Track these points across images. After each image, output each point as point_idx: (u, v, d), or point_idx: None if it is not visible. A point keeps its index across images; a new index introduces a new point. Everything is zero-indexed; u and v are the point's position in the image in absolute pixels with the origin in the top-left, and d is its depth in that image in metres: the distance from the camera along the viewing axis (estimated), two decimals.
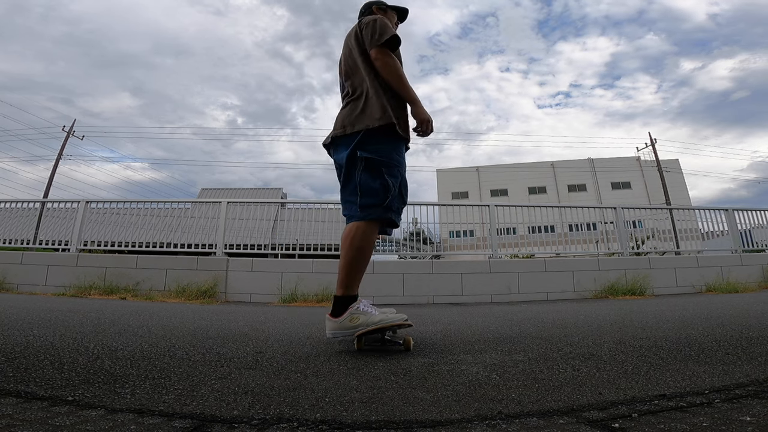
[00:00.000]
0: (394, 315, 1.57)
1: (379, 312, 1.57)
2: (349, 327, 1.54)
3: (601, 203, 30.04)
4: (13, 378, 1.05)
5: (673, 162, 32.73)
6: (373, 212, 1.63)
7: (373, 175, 1.64)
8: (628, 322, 2.44)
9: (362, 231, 1.64)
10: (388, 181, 1.64)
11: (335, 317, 1.58)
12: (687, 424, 0.75)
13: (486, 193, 37.20)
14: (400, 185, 1.69)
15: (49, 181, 19.84)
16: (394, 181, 1.65)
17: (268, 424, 0.78)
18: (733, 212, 6.31)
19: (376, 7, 1.95)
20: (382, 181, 1.64)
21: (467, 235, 6.72)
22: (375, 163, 1.64)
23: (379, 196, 1.63)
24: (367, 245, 1.64)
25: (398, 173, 1.68)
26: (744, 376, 1.10)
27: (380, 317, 1.54)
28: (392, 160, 1.67)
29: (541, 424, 0.78)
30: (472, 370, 1.24)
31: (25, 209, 6.32)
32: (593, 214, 6.46)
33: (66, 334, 1.80)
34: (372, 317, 1.54)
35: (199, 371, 1.20)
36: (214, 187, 29.74)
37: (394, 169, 1.67)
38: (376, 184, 1.64)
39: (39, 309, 2.97)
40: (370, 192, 1.63)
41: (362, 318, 1.53)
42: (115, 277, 4.89)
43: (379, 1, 1.96)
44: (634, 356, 1.40)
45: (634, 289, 5.02)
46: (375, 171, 1.64)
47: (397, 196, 1.67)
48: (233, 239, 5.46)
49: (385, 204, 1.63)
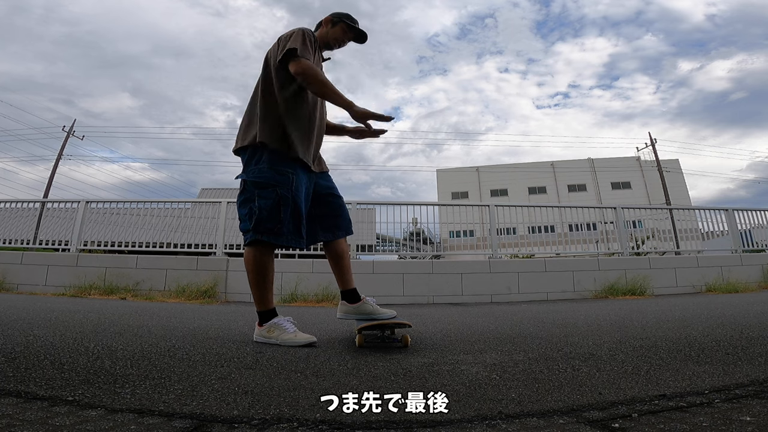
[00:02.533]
0: (303, 336, 1.70)
1: (294, 331, 1.73)
2: (267, 336, 1.74)
3: (601, 203, 30.02)
4: (13, 378, 1.05)
5: (673, 162, 32.71)
6: (247, 236, 1.73)
7: (246, 200, 1.76)
8: (628, 322, 2.44)
9: (246, 256, 1.78)
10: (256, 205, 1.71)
11: (259, 326, 1.79)
12: (687, 424, 0.75)
13: (486, 193, 37.18)
14: (277, 204, 1.70)
15: (49, 181, 19.85)
16: (263, 203, 1.70)
17: (268, 424, 0.78)
18: (733, 212, 6.31)
19: (327, 18, 1.96)
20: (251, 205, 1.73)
21: (467, 235, 6.72)
22: (249, 185, 1.74)
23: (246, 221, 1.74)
24: (251, 267, 1.76)
25: (273, 194, 1.69)
26: (744, 376, 1.10)
27: (288, 336, 1.70)
28: (269, 180, 1.70)
29: (541, 424, 0.78)
30: (472, 370, 1.24)
31: (25, 209, 6.32)
32: (593, 214, 6.46)
33: (66, 334, 1.80)
34: (283, 334, 1.71)
35: (199, 371, 1.20)
36: (214, 187, 29.65)
37: (267, 190, 1.70)
38: (245, 209, 1.75)
39: (39, 309, 2.97)
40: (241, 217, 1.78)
41: (276, 332, 1.72)
42: (115, 277, 4.89)
43: (337, 14, 1.95)
44: (634, 356, 1.40)
45: (634, 289, 5.02)
46: (249, 194, 1.75)
47: (266, 218, 1.69)
48: (233, 239, 5.45)
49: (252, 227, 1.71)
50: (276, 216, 1.68)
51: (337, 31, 1.93)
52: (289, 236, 1.71)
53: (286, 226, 1.69)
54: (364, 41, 2.00)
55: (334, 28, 1.93)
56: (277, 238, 1.70)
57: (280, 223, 1.68)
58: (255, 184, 1.71)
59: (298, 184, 1.74)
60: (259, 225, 1.68)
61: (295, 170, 1.74)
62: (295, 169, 1.74)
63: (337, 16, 1.94)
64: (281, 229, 1.68)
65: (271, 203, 1.68)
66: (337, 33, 1.93)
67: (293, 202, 1.71)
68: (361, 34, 1.98)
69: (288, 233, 1.70)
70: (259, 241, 1.70)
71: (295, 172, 1.74)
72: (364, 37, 1.99)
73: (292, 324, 1.77)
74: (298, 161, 1.76)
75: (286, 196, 1.69)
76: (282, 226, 1.68)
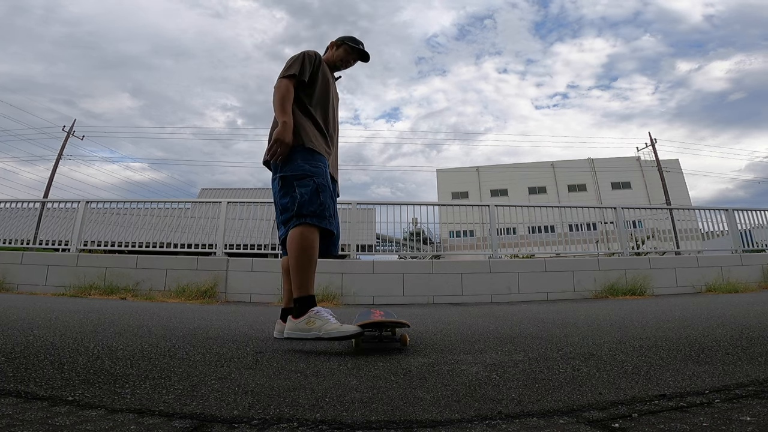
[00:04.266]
0: (349, 327, 1.60)
1: (337, 321, 1.63)
2: (305, 329, 1.62)
3: (601, 203, 30.03)
4: (13, 378, 1.05)
5: (673, 162, 32.70)
6: (291, 223, 1.78)
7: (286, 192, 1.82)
8: (628, 322, 2.44)
9: (292, 238, 1.77)
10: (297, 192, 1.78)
11: (295, 318, 1.67)
12: (687, 424, 0.75)
13: (486, 193, 37.17)
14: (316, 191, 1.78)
15: (49, 181, 19.84)
16: (304, 190, 1.77)
17: (268, 424, 0.78)
18: (733, 212, 6.31)
19: (332, 43, 2.14)
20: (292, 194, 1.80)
21: (467, 235, 6.72)
22: (287, 179, 1.81)
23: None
24: (298, 247, 1.74)
25: (311, 182, 1.79)
26: (744, 376, 1.10)
27: (332, 327, 1.59)
28: (305, 172, 1.80)
29: (541, 424, 0.78)
30: (472, 370, 1.24)
31: (25, 209, 6.31)
32: (593, 214, 6.46)
33: (66, 334, 1.80)
34: (327, 324, 1.60)
35: (199, 371, 1.20)
36: (214, 187, 29.66)
37: (305, 180, 1.79)
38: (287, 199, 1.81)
39: (39, 309, 2.97)
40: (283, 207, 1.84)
41: (318, 323, 1.61)
42: (115, 277, 4.89)
43: (342, 38, 2.13)
44: (634, 356, 1.40)
45: (634, 289, 5.02)
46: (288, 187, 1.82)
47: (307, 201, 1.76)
48: (233, 239, 5.46)
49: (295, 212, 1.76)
50: (317, 200, 1.77)
51: (341, 53, 2.11)
52: (331, 219, 1.80)
53: (328, 210, 1.79)
54: (367, 60, 2.18)
55: (338, 50, 2.11)
56: (321, 221, 1.77)
57: (322, 206, 1.77)
58: (293, 177, 1.80)
59: (329, 177, 1.88)
60: (302, 208, 1.75)
61: (325, 164, 1.89)
62: (325, 164, 1.89)
63: (341, 39, 2.12)
64: (324, 212, 1.77)
65: (311, 189, 1.78)
66: (341, 54, 2.11)
67: (329, 190, 1.84)
68: (363, 54, 2.15)
69: (330, 216, 1.80)
70: (304, 224, 1.76)
71: (325, 166, 1.88)
72: (367, 56, 2.17)
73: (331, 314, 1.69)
74: (325, 157, 1.90)
75: (323, 183, 1.81)
76: (324, 209, 1.78)
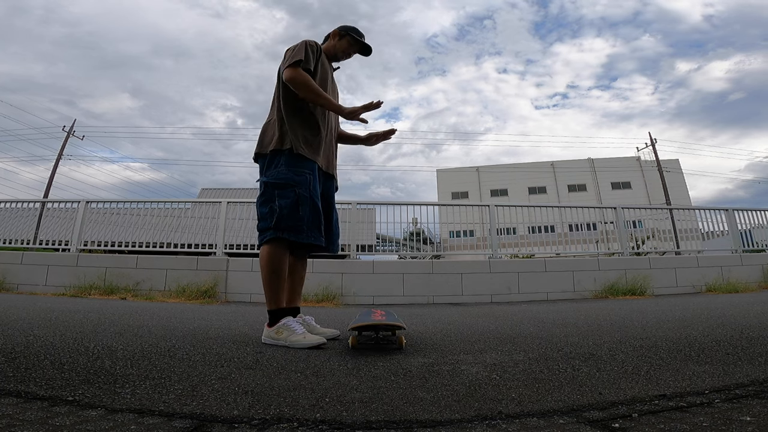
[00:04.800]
0: (312, 338, 1.68)
1: (303, 333, 1.71)
2: (275, 338, 1.72)
3: (601, 203, 30.02)
4: (13, 378, 1.05)
5: (673, 162, 32.68)
6: (267, 234, 1.77)
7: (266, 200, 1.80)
8: (628, 322, 2.44)
9: (262, 254, 1.79)
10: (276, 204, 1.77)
11: (269, 326, 1.77)
12: (687, 424, 0.75)
13: (486, 193, 37.16)
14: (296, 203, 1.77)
15: (49, 181, 19.84)
16: (283, 203, 1.76)
17: (268, 424, 0.78)
18: (733, 212, 6.31)
19: (335, 31, 2.07)
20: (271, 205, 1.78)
21: (467, 235, 6.72)
22: (269, 186, 1.80)
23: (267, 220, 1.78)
24: (268, 265, 1.78)
25: (292, 194, 1.77)
26: (744, 376, 1.10)
27: (296, 338, 1.67)
28: (287, 180, 1.78)
29: (541, 424, 0.78)
30: (472, 370, 1.24)
31: (25, 209, 6.31)
32: (593, 214, 6.46)
33: (66, 334, 1.80)
34: (292, 335, 1.69)
35: (199, 371, 1.20)
36: (214, 187, 29.67)
37: (287, 190, 1.77)
38: (266, 208, 1.80)
39: (39, 309, 2.97)
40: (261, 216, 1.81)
41: (284, 333, 1.70)
42: (115, 277, 4.89)
43: (345, 27, 2.06)
44: (634, 356, 1.40)
45: (634, 289, 5.02)
46: (269, 195, 1.80)
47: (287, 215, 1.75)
48: (233, 239, 5.45)
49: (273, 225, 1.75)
50: (296, 214, 1.76)
51: (344, 44, 2.05)
52: (309, 233, 1.79)
53: (306, 223, 1.78)
54: (368, 54, 2.12)
55: (341, 41, 2.05)
56: (298, 236, 1.77)
57: (300, 221, 1.77)
58: (275, 185, 1.79)
59: (315, 184, 1.85)
60: (280, 222, 1.75)
61: (312, 171, 1.85)
62: (312, 170, 1.85)
63: (344, 29, 2.05)
64: (301, 226, 1.77)
65: (291, 202, 1.76)
66: (344, 45, 2.05)
67: (311, 201, 1.81)
68: (365, 47, 2.09)
69: (308, 230, 1.79)
70: (279, 238, 1.76)
71: (312, 172, 1.84)
72: (369, 50, 2.11)
73: (301, 325, 1.76)
74: (313, 163, 1.86)
75: (305, 195, 1.79)
76: (302, 223, 1.77)
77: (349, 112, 1.86)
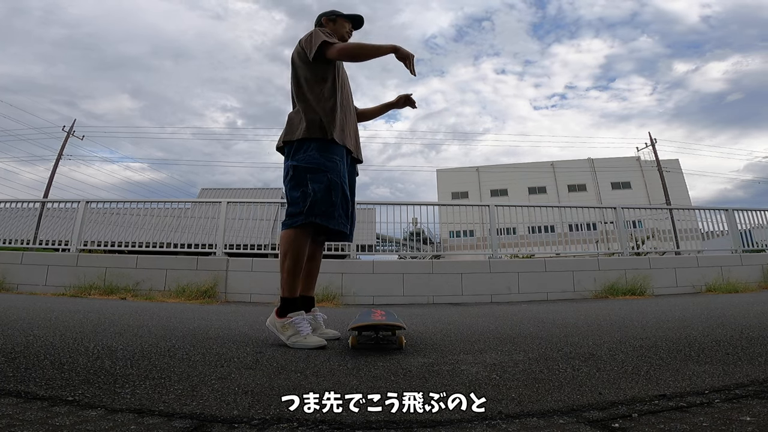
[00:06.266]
0: (313, 339, 1.67)
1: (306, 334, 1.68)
2: (279, 330, 1.71)
3: (601, 203, 30.00)
4: (13, 378, 1.05)
5: (673, 162, 32.67)
6: (298, 219, 1.75)
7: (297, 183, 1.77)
8: (628, 322, 2.44)
9: (287, 238, 1.77)
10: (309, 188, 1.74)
11: (278, 317, 1.74)
12: (687, 424, 0.75)
13: (486, 193, 37.14)
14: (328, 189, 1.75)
15: (49, 181, 19.83)
16: (317, 187, 1.74)
17: (268, 424, 0.78)
18: (733, 212, 6.31)
19: (325, 18, 2.04)
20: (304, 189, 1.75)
21: (467, 235, 6.72)
22: (300, 170, 1.77)
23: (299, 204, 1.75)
24: (292, 250, 1.74)
25: (324, 178, 1.75)
26: (744, 376, 1.10)
27: (297, 339, 1.66)
28: (319, 165, 1.76)
29: (541, 424, 0.78)
30: (472, 370, 1.24)
31: (25, 209, 6.31)
32: (593, 214, 6.46)
33: (66, 334, 1.80)
34: (294, 336, 1.67)
35: (199, 371, 1.20)
36: (214, 187, 29.70)
37: (319, 175, 1.75)
38: (297, 192, 1.76)
39: (39, 309, 2.97)
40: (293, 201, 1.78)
41: (289, 332, 1.68)
42: (115, 277, 4.89)
43: (330, 11, 2.05)
44: (634, 356, 1.40)
45: (634, 289, 5.02)
46: (299, 179, 1.77)
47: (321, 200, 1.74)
48: (233, 239, 5.45)
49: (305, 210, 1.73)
50: (329, 199, 1.75)
51: (339, 26, 2.04)
52: (340, 220, 1.79)
53: (338, 210, 1.77)
54: (361, 26, 2.10)
55: (336, 24, 2.03)
56: (330, 221, 1.76)
57: (332, 206, 1.76)
58: (306, 169, 1.76)
59: (344, 170, 1.85)
60: (313, 208, 1.73)
61: (342, 157, 1.85)
62: (342, 156, 1.85)
63: (329, 14, 2.04)
64: (333, 212, 1.76)
65: (324, 187, 1.74)
66: (340, 27, 2.04)
67: (342, 188, 1.80)
68: (357, 19, 2.08)
69: (339, 217, 1.78)
70: (309, 224, 1.74)
71: (342, 159, 1.84)
72: (361, 21, 2.09)
73: (308, 324, 1.73)
74: (342, 148, 1.86)
75: (336, 181, 1.78)
76: (334, 209, 1.76)
77: (405, 54, 1.78)
